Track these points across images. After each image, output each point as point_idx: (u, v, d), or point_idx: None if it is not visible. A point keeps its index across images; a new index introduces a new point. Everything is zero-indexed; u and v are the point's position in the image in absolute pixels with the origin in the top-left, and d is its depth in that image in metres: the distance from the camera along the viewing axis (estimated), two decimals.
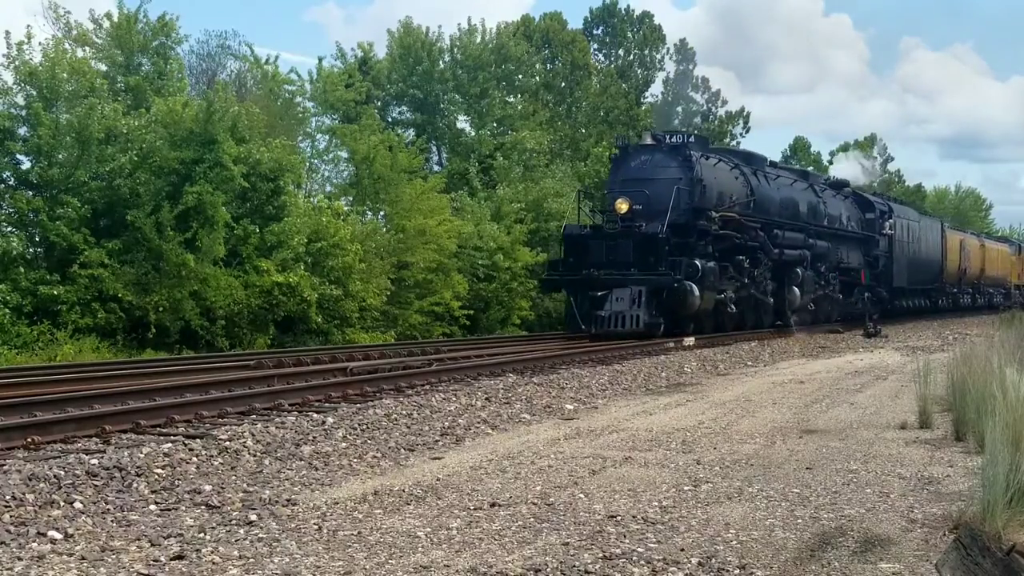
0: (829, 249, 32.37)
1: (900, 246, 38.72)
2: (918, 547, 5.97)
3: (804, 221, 30.69)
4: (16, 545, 5.78)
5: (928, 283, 43.79)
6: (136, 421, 9.45)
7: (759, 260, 27.09)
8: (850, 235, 35.42)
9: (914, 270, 40.69)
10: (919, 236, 41.72)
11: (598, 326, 22.22)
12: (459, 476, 8.02)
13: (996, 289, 59.10)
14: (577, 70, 52.56)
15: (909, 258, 40.03)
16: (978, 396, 9.27)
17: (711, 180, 25.13)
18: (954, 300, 50.06)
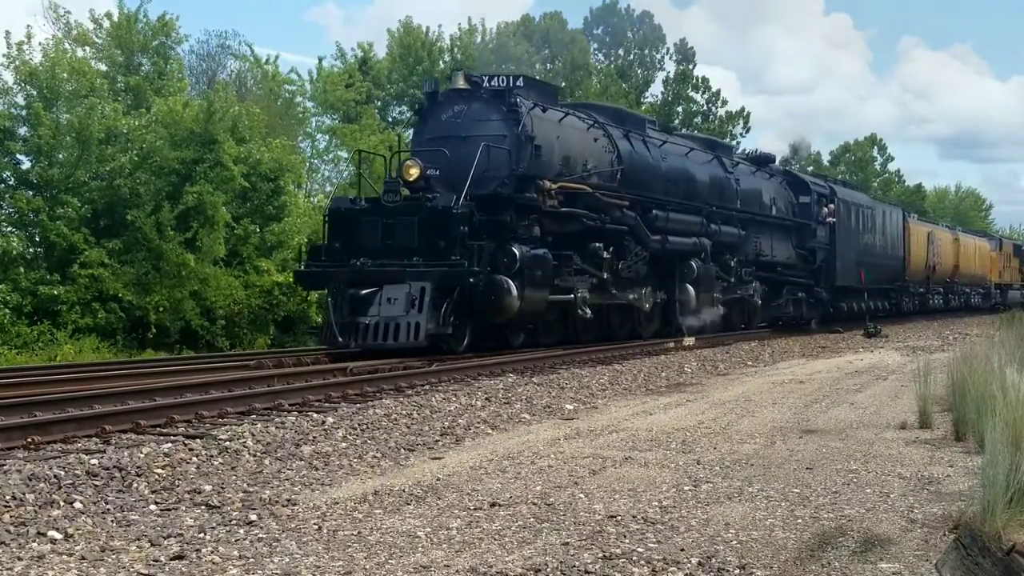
0: (742, 238, 26.22)
1: (846, 237, 32.51)
2: (918, 547, 5.97)
3: (703, 201, 24.26)
4: (16, 545, 5.79)
5: (886, 281, 38.24)
6: (136, 421, 9.45)
7: (627, 249, 20.55)
8: (774, 222, 28.93)
9: (866, 266, 34.84)
10: (873, 226, 35.80)
11: (361, 338, 15.86)
12: (459, 476, 8.02)
13: (973, 289, 54.20)
14: (577, 70, 52.55)
15: (858, 252, 34.03)
16: (978, 396, 9.27)
17: (550, 140, 18.65)
18: (921, 301, 44.50)
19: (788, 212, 30.10)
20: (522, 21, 54.08)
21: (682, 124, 58.68)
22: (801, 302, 30.44)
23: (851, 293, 34.50)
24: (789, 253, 29.67)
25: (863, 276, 34.37)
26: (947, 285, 48.70)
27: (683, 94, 59.82)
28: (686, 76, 59.90)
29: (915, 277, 42.38)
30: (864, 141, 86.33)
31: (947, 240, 48.86)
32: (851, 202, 34.15)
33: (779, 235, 29.22)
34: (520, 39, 50.97)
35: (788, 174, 32.34)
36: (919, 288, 43.67)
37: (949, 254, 48.30)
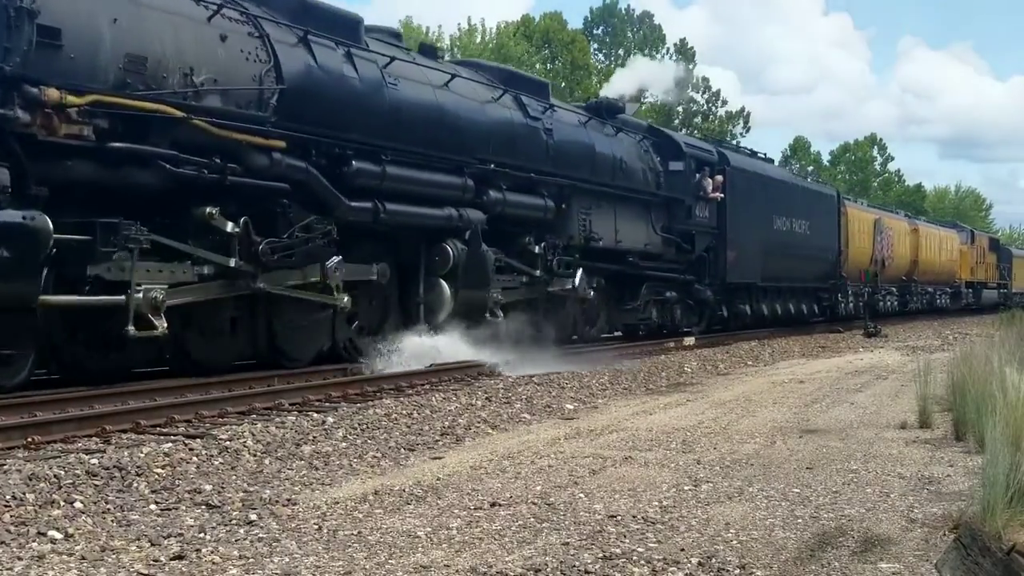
0: (555, 213, 18.63)
1: (744, 220, 25.37)
2: (918, 547, 5.97)
3: (474, 154, 16.73)
4: (16, 545, 5.78)
5: (815, 279, 31.64)
6: (136, 421, 9.45)
7: (282, 219, 13.28)
8: (620, 193, 20.89)
9: (777, 259, 27.50)
10: (791, 208, 28.71)
11: None
12: (459, 476, 8.02)
13: (939, 288, 47.74)
14: (577, 70, 52.66)
15: (765, 240, 26.81)
16: (978, 396, 9.27)
17: (94, 24, 11.05)
18: (868, 302, 36.68)
19: (648, 182, 22.12)
20: (522, 21, 54.15)
21: (682, 124, 58.75)
22: (672, 304, 23.15)
23: (755, 293, 27.43)
24: (650, 238, 21.95)
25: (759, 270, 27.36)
26: (903, 284, 42.53)
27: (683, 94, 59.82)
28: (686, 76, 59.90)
29: (855, 275, 36.07)
30: (864, 141, 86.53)
31: (902, 230, 42.38)
32: (753, 175, 26.72)
33: (631, 213, 21.29)
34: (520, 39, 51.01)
35: (654, 132, 23.80)
36: (864, 287, 36.77)
37: (905, 247, 42.24)
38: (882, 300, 39.95)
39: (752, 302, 27.40)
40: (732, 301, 26.34)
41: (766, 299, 28.47)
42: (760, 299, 27.96)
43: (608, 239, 20.74)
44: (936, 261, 46.65)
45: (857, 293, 36.46)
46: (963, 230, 53.81)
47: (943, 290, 48.64)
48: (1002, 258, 60.24)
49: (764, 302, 28.19)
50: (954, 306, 49.24)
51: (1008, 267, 60.70)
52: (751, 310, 27.35)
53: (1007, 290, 59.99)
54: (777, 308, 29.19)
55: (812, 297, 32.35)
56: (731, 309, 26.39)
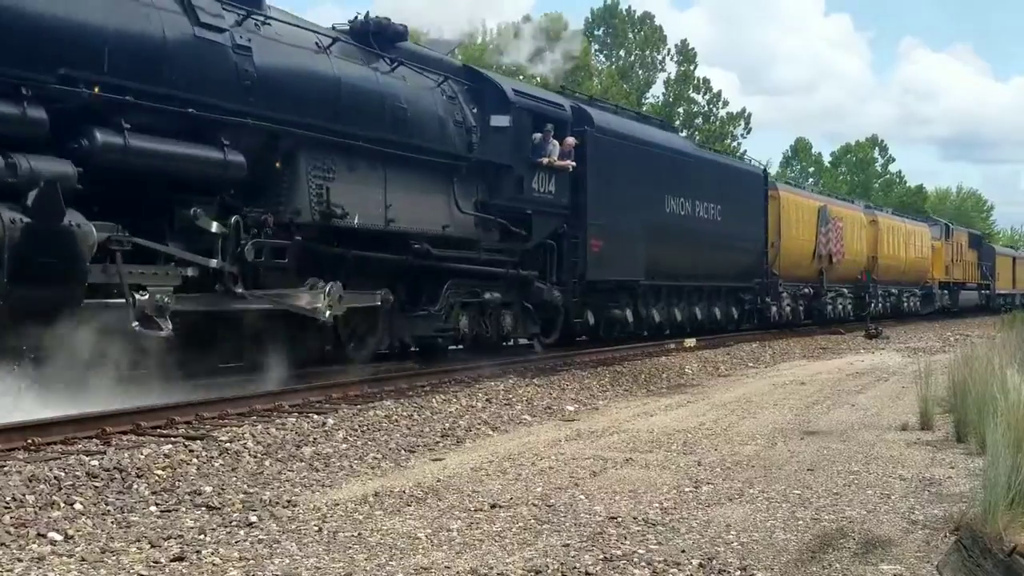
0: (267, 174, 12.36)
1: (614, 200, 18.82)
2: (919, 549, 5.96)
3: (50, 67, 9.86)
4: (16, 547, 5.78)
5: (735, 276, 25.27)
6: (136, 422, 9.43)
7: None
8: (395, 152, 14.14)
9: (672, 251, 21.30)
10: (693, 187, 22.46)
11: None
12: (460, 477, 8.02)
13: (905, 289, 41.19)
14: (578, 71, 52.57)
15: (651, 226, 20.24)
16: (979, 397, 9.27)
17: None
18: (809, 307, 31.53)
19: (451, 139, 15.25)
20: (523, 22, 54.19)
21: (683, 125, 58.74)
22: (495, 309, 16.44)
23: (642, 295, 20.89)
24: (452, 217, 15.23)
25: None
26: (857, 283, 36.19)
27: (684, 95, 59.90)
28: (687, 77, 59.97)
29: (792, 271, 29.51)
30: (865, 142, 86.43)
31: (856, 221, 35.71)
32: (632, 141, 20.04)
33: (418, 181, 14.57)
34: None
35: (470, 75, 16.59)
36: (802, 287, 30.74)
37: (860, 241, 35.84)
38: (831, 304, 33.37)
39: (637, 306, 20.72)
40: (603, 305, 19.57)
41: (659, 302, 21.86)
42: (650, 302, 21.39)
43: (369, 216, 13.48)
44: (902, 258, 40.26)
45: (797, 295, 30.20)
46: (936, 224, 47.48)
47: (911, 291, 42.25)
48: (984, 256, 54.40)
49: (655, 306, 21.59)
50: (925, 309, 43.30)
51: (991, 266, 55.21)
52: (636, 316, 20.70)
53: (989, 291, 54.74)
54: (676, 314, 22.53)
55: (730, 300, 25.68)
56: (601, 315, 19.60)
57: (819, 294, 32.15)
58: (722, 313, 25.23)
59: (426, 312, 14.88)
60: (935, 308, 44.25)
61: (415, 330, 14.97)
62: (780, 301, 28.77)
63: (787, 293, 29.44)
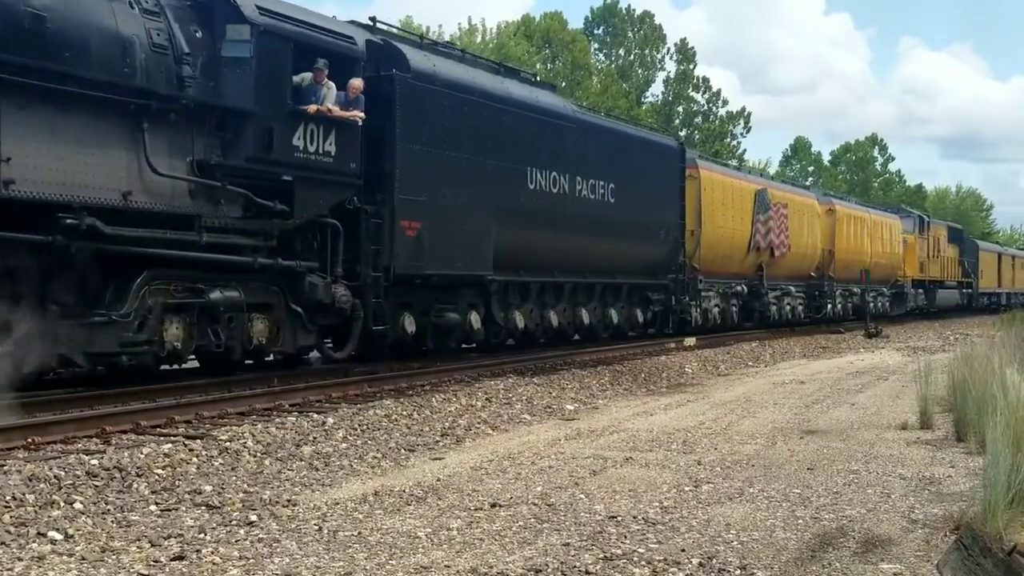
0: None
1: (442, 168, 14.54)
2: (919, 548, 5.96)
3: None
4: (16, 546, 5.78)
5: (639, 272, 20.39)
6: (136, 421, 9.44)
7: None
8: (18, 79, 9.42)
9: (541, 238, 16.94)
10: (573, 158, 17.87)
11: None
12: (459, 476, 8.02)
13: (871, 287, 36.07)
14: (577, 70, 52.63)
15: (507, 206, 15.92)
16: (979, 397, 9.27)
17: None
18: (745, 308, 26.71)
19: (146, 71, 10.83)
20: (523, 21, 54.17)
21: (683, 124, 58.78)
22: (243, 314, 11.96)
23: (502, 293, 16.24)
24: (139, 181, 10.79)
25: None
26: (812, 281, 31.41)
27: (683, 94, 59.89)
28: (687, 76, 59.96)
29: (719, 266, 24.68)
30: (865, 141, 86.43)
31: (806, 209, 30.60)
32: (470, 94, 15.20)
33: (74, 124, 10.12)
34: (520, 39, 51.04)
35: None
36: (734, 285, 25.81)
37: (813, 232, 30.96)
38: (774, 304, 28.32)
39: (491, 308, 16.06)
40: (429, 307, 14.76)
41: (525, 303, 17.06)
42: (511, 304, 16.61)
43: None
44: (865, 252, 35.12)
45: (727, 293, 25.49)
46: (909, 216, 42.31)
47: (878, 290, 37.32)
48: (966, 251, 49.79)
49: (520, 308, 16.79)
50: (896, 311, 38.54)
51: (974, 262, 50.77)
52: (489, 321, 16.04)
53: (972, 290, 50.20)
54: (553, 318, 17.71)
55: (634, 300, 20.65)
56: (428, 320, 14.72)
57: (758, 293, 27.18)
58: (622, 315, 20.10)
59: (106, 318, 10.36)
60: (907, 309, 39.69)
61: (93, 344, 10.38)
62: (704, 301, 23.95)
63: (714, 292, 24.72)
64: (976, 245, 53.01)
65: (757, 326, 27.49)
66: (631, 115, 51.54)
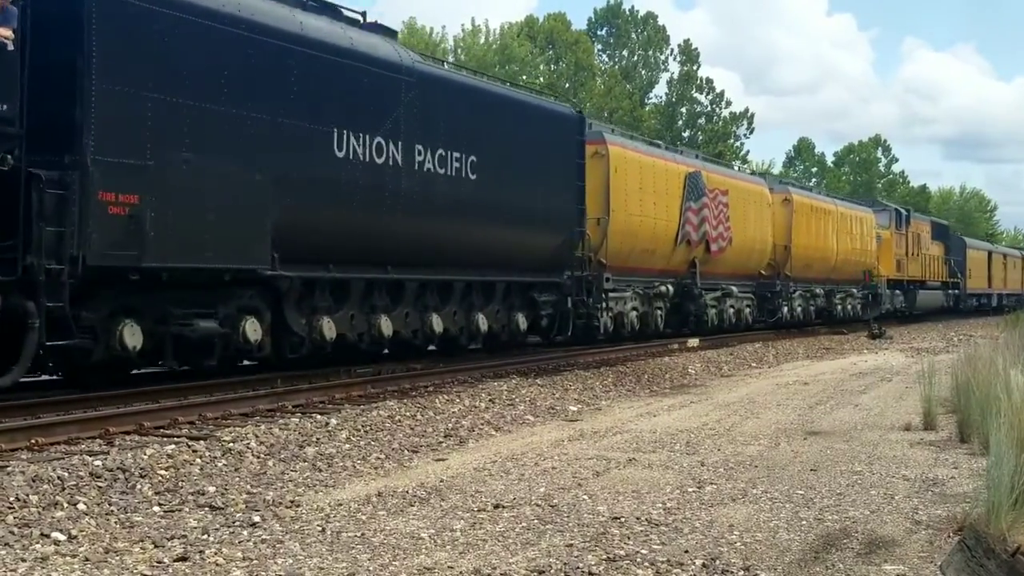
0: None
1: (167, 118, 10.53)
2: (922, 549, 5.96)
3: None
4: (20, 547, 5.79)
5: (517, 268, 16.57)
6: (140, 422, 9.45)
7: None
8: None
9: (359, 220, 13.14)
10: (385, 115, 13.56)
11: None
12: (463, 477, 8.02)
13: (839, 288, 32.91)
14: (581, 71, 52.65)
15: (290, 173, 11.99)
16: (983, 398, 9.27)
17: None
18: (677, 309, 23.00)
19: None
20: (526, 22, 54.18)
21: (685, 125, 58.77)
22: None
23: (286, 293, 12.41)
24: None
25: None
26: (762, 280, 27.52)
27: (687, 95, 59.87)
28: (690, 77, 59.94)
29: (635, 261, 20.77)
30: (868, 142, 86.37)
31: (754, 198, 26.72)
32: (216, 13, 11.24)
33: None
34: (524, 40, 51.05)
35: None
36: (657, 284, 21.71)
37: (762, 224, 26.97)
38: (714, 306, 24.54)
39: (289, 315, 12.54)
40: (167, 314, 11.07)
41: (343, 307, 13.31)
42: (323, 307, 13.03)
43: None
44: (829, 248, 31.33)
45: (649, 295, 21.57)
46: (884, 209, 38.35)
47: (846, 291, 33.57)
48: (952, 249, 46.03)
49: (334, 314, 13.10)
50: (870, 313, 34.25)
51: (961, 261, 47.06)
52: (281, 331, 12.57)
53: (958, 291, 46.45)
54: (386, 326, 13.72)
55: (517, 302, 16.80)
56: (167, 332, 11.07)
57: (690, 294, 23.21)
58: (497, 321, 16.17)
59: None
60: (882, 312, 35.45)
61: None
62: (615, 303, 19.97)
63: (631, 292, 20.84)
64: (963, 242, 49.64)
65: (695, 333, 23.01)
66: (634, 116, 51.53)
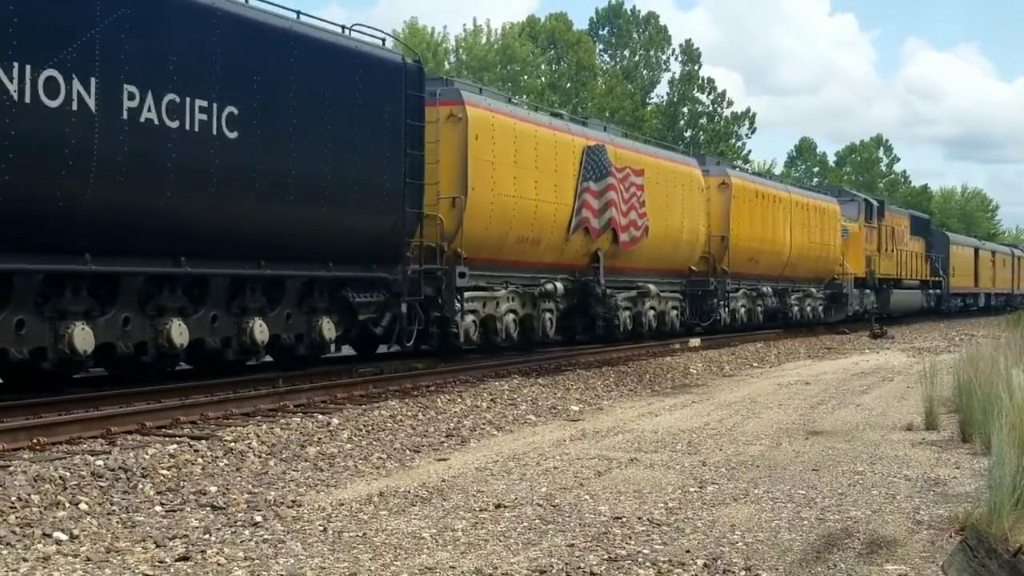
0: None
1: None
2: (924, 549, 5.96)
3: None
4: (22, 546, 5.79)
5: (305, 257, 12.45)
6: (142, 422, 9.46)
7: None
8: None
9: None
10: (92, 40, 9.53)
11: None
12: (464, 477, 8.02)
13: (795, 286, 28.71)
14: (582, 71, 52.64)
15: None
16: (984, 398, 9.26)
17: None
18: (578, 310, 18.61)
19: None
20: (527, 22, 54.18)
21: (687, 125, 58.75)
22: None
23: None
24: None
25: None
26: (694, 277, 23.06)
27: (688, 95, 59.85)
28: (691, 77, 59.93)
29: (516, 254, 16.73)
30: (870, 142, 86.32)
31: (680, 180, 21.99)
32: None
33: None
34: (525, 40, 51.05)
35: None
36: (543, 282, 17.26)
37: (688, 211, 22.17)
38: (628, 308, 19.85)
39: None
40: None
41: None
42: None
43: None
44: (780, 241, 27.03)
45: (531, 295, 17.10)
46: (853, 200, 34.03)
47: (803, 290, 29.39)
48: (934, 246, 42.32)
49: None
50: (834, 316, 31.11)
51: (943, 258, 43.36)
52: None
53: (940, 290, 42.79)
54: (80, 339, 9.76)
55: (317, 304, 13.02)
56: None
57: (590, 294, 18.53)
58: (288, 329, 12.52)
59: None
60: (848, 314, 31.77)
61: None
62: (479, 304, 15.72)
63: (507, 291, 16.40)
64: (947, 238, 45.67)
65: (604, 340, 19.60)
66: (635, 116, 51.49)
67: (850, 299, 31.83)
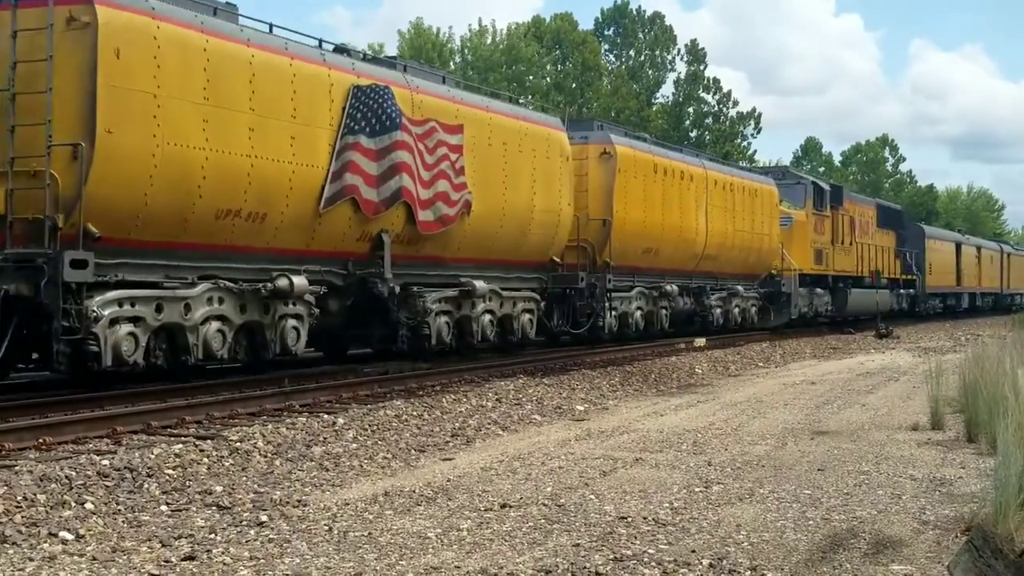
0: None
1: None
2: (930, 549, 5.95)
3: None
4: (28, 546, 5.80)
5: None
6: (147, 422, 9.47)
7: None
8: None
9: None
10: None
11: None
12: (469, 477, 8.02)
13: (718, 286, 23.87)
14: (588, 71, 52.64)
15: None
16: (990, 397, 9.24)
17: None
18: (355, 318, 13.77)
19: None
20: (533, 22, 54.19)
21: (693, 125, 58.70)
22: None
23: None
24: None
25: None
26: (558, 273, 17.63)
27: (694, 95, 59.81)
28: (697, 77, 59.88)
29: (226, 237, 11.32)
30: (875, 142, 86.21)
31: (531, 144, 16.63)
32: None
33: None
34: (530, 40, 51.06)
35: None
36: (276, 277, 11.75)
37: (545, 185, 16.95)
38: (446, 312, 14.75)
39: None
40: None
41: None
42: None
43: None
44: (692, 228, 22.07)
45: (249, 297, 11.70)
46: (798, 183, 29.10)
47: (729, 289, 24.43)
48: (907, 240, 38.13)
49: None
50: (773, 321, 26.58)
51: (918, 253, 38.97)
52: None
53: (915, 290, 38.68)
54: None
55: None
56: None
57: (371, 295, 13.54)
58: None
59: None
60: (791, 318, 27.24)
61: None
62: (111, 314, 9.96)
63: (212, 293, 11.27)
64: (922, 231, 40.97)
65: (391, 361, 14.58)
66: (641, 116, 51.46)
67: (793, 299, 27.03)
